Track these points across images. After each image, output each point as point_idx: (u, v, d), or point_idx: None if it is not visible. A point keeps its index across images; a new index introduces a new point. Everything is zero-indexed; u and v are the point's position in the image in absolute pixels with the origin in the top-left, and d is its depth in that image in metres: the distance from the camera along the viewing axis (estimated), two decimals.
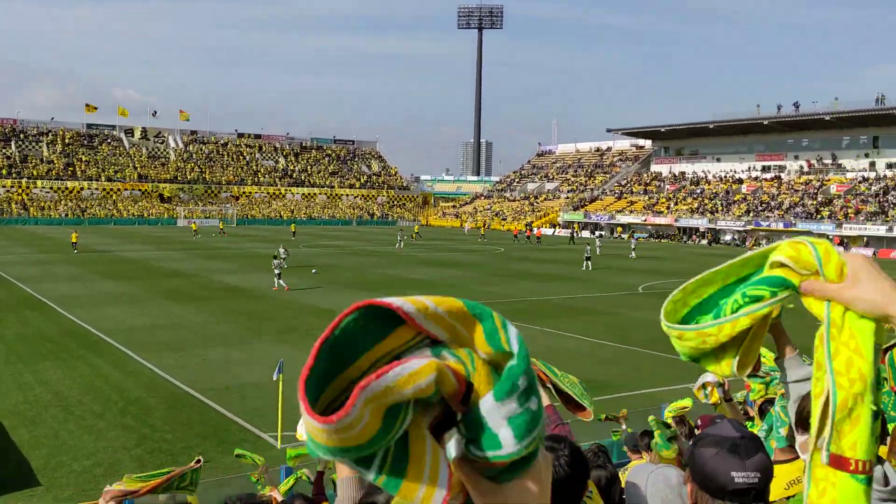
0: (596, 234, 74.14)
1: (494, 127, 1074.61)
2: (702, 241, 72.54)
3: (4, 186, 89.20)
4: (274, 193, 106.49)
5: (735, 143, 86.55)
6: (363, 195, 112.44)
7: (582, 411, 3.40)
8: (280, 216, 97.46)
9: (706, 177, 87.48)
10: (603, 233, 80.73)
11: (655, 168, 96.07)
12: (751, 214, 73.49)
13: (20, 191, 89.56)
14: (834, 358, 1.11)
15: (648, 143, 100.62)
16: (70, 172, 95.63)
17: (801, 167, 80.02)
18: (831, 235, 64.41)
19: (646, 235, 78.25)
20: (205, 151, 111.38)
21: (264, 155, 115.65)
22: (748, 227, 71.03)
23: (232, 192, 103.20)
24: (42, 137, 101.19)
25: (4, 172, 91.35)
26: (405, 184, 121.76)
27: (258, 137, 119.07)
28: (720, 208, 77.22)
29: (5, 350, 17.93)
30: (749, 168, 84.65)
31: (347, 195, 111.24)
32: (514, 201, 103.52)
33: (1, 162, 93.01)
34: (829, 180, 75.52)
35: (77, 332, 20.28)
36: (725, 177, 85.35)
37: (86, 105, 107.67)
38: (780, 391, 2.79)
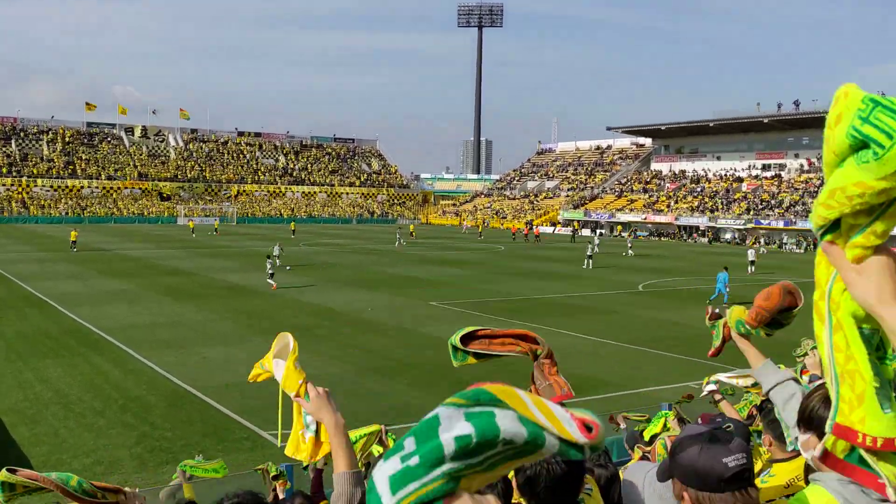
0: (595, 233, 74.10)
1: (494, 125, 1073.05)
2: (702, 240, 72.56)
3: (4, 185, 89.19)
4: (274, 192, 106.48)
5: (735, 142, 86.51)
6: (363, 193, 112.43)
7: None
8: (280, 214, 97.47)
9: (706, 175, 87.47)
10: (603, 231, 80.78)
11: (656, 166, 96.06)
12: (751, 213, 73.48)
13: (20, 189, 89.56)
14: (835, 332, 1.13)
15: (649, 142, 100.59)
16: (70, 171, 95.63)
17: (802, 165, 79.99)
18: None
19: (646, 234, 78.28)
20: (205, 150, 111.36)
21: (264, 153, 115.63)
22: (748, 226, 71.03)
23: (232, 191, 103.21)
24: (42, 136, 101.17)
25: (4, 171, 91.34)
26: (405, 182, 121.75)
27: (258, 136, 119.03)
28: (720, 207, 77.22)
29: (5, 348, 17.94)
30: (749, 166, 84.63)
31: (347, 193, 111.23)
32: (515, 199, 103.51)
33: (1, 160, 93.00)
34: None
35: (77, 330, 20.29)
36: (726, 175, 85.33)
37: (86, 103, 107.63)
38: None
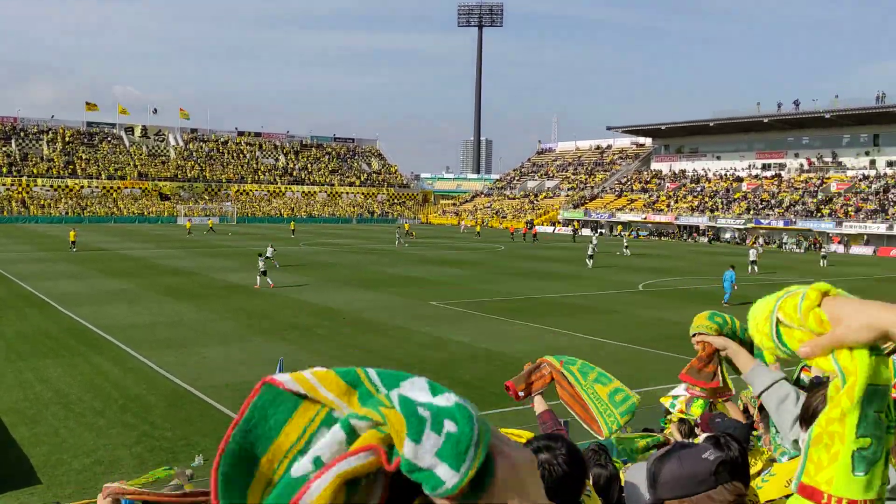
0: (594, 233, 74.11)
1: (494, 125, 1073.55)
2: (702, 239, 72.56)
3: (4, 185, 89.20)
4: (274, 191, 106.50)
5: (735, 141, 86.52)
6: (363, 193, 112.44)
7: (596, 425, 3.25)
8: (280, 214, 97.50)
9: (706, 175, 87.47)
10: (603, 230, 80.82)
11: (656, 166, 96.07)
12: (751, 212, 73.48)
13: (20, 189, 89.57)
14: (832, 402, 1.10)
15: (649, 141, 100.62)
16: (70, 170, 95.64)
17: (802, 165, 79.99)
18: (831, 234, 64.45)
19: (646, 233, 78.29)
20: (205, 149, 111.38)
21: (264, 153, 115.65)
22: (748, 225, 71.05)
23: (232, 191, 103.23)
24: (42, 135, 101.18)
25: (5, 171, 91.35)
26: (405, 181, 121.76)
27: (258, 135, 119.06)
28: (720, 206, 77.22)
29: (5, 348, 17.94)
30: (749, 166, 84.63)
31: (347, 193, 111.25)
32: (515, 199, 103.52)
33: (1, 160, 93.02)
34: (830, 178, 75.51)
35: (77, 330, 20.28)
36: (726, 175, 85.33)
37: (86, 103, 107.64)
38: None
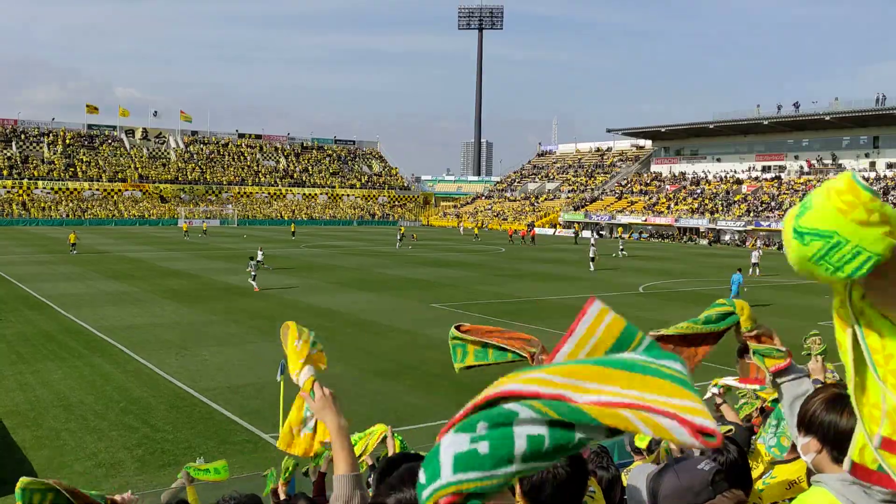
0: (593, 235, 74.13)
1: (495, 127, 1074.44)
2: (702, 241, 72.57)
3: (5, 187, 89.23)
4: (275, 194, 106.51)
5: (735, 144, 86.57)
6: (364, 195, 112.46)
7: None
8: (281, 216, 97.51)
9: (706, 177, 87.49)
10: (603, 232, 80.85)
11: (655, 168, 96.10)
12: (751, 214, 73.49)
13: (21, 191, 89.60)
14: (867, 334, 1.08)
15: (649, 144, 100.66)
16: (71, 173, 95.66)
17: (802, 167, 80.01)
18: None
19: (646, 235, 78.30)
20: (205, 152, 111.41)
21: (265, 155, 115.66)
22: (748, 228, 71.04)
23: (233, 193, 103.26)
24: (43, 138, 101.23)
25: (5, 173, 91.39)
26: (406, 184, 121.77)
27: (259, 138, 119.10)
28: (720, 208, 77.23)
29: (7, 350, 17.95)
30: (749, 168, 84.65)
31: (348, 195, 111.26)
32: (515, 201, 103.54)
33: (2, 162, 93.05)
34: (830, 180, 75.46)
35: (78, 332, 20.30)
36: (726, 177, 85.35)
37: (87, 105, 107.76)
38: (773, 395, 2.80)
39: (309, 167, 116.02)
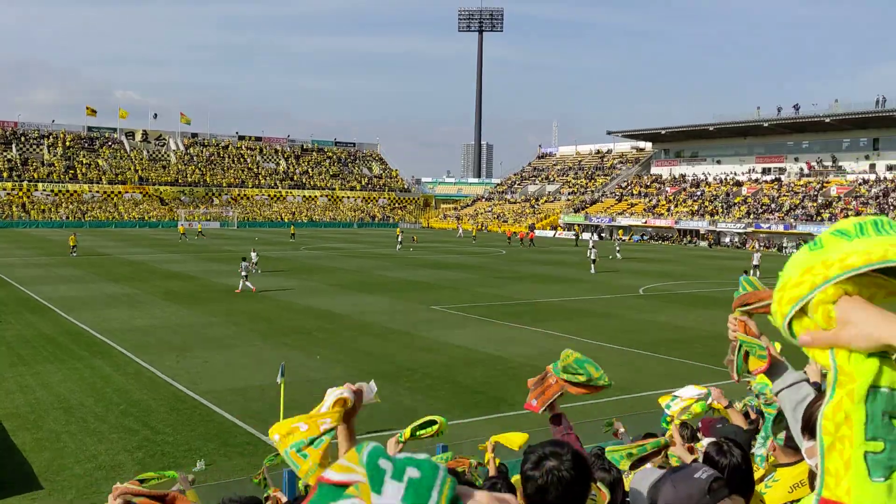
0: (592, 237, 74.06)
1: (495, 129, 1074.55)
2: (702, 243, 72.57)
3: (5, 189, 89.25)
4: (275, 196, 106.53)
5: (735, 146, 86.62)
6: (364, 197, 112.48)
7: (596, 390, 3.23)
8: (281, 218, 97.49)
9: (706, 179, 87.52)
10: (603, 233, 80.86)
11: (655, 170, 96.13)
12: (751, 216, 73.51)
13: (21, 194, 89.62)
14: (826, 404, 1.09)
15: (649, 146, 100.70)
16: (71, 175, 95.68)
17: (801, 169, 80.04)
18: None
19: (646, 237, 78.31)
20: (205, 154, 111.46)
21: (265, 157, 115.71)
22: (748, 230, 71.05)
23: (233, 195, 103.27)
24: (43, 140, 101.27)
25: (5, 175, 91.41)
26: (406, 186, 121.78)
27: (259, 140, 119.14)
28: (720, 210, 77.25)
29: (7, 352, 17.94)
30: (749, 170, 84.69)
31: (348, 197, 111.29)
32: (515, 203, 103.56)
33: (2, 165, 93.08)
34: (830, 182, 75.53)
35: (78, 334, 20.29)
36: (725, 179, 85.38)
37: (87, 108, 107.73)
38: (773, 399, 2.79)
39: (309, 169, 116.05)
